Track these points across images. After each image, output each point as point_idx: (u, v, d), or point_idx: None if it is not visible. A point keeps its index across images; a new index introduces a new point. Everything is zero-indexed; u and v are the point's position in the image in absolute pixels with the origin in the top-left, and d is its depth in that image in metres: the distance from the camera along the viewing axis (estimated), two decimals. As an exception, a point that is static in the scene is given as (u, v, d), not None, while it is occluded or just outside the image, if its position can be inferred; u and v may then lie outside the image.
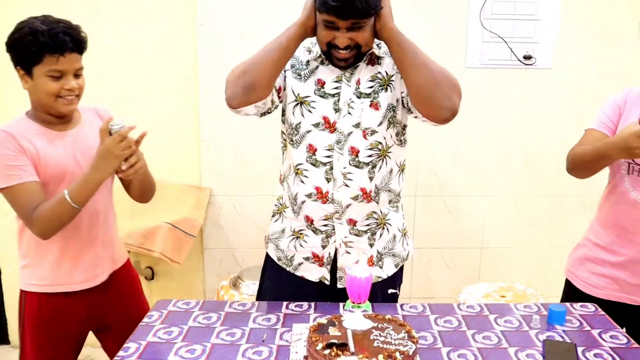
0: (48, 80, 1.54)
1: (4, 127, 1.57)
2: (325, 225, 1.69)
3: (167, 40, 2.79)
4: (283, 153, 1.79)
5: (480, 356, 1.37)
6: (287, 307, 1.64)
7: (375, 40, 1.61)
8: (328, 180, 1.64)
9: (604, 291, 1.74)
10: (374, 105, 1.64)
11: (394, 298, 1.81)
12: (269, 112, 1.70)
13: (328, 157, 1.63)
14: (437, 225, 3.02)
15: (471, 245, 3.08)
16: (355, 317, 1.37)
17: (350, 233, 1.68)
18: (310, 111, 1.65)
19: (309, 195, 1.66)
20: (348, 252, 1.70)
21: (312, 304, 1.66)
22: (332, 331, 1.33)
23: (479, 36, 2.84)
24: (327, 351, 1.24)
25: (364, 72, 1.66)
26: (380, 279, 1.74)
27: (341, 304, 1.62)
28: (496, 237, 3.08)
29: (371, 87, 1.65)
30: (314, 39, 1.66)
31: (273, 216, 1.83)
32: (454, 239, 3.07)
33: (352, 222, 1.67)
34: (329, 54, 1.61)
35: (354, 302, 1.48)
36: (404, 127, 1.72)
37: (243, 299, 2.41)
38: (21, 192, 1.53)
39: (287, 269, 1.75)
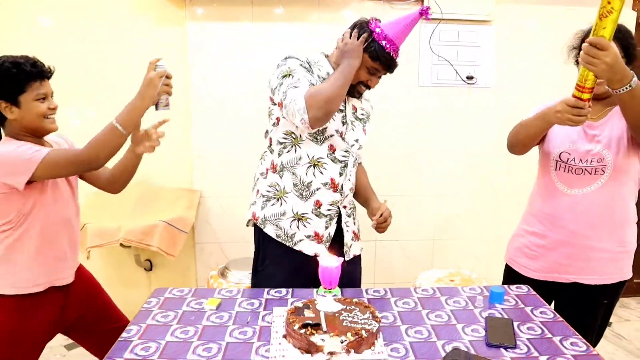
0: (37, 103, 1.52)
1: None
2: (329, 210, 1.77)
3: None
4: (286, 147, 1.76)
5: (433, 332, 1.38)
6: (267, 293, 1.63)
7: None
8: (341, 174, 1.76)
9: (541, 274, 1.78)
10: (364, 130, 1.86)
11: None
12: None
13: (344, 157, 1.77)
14: (397, 220, 3.01)
15: (425, 237, 3.11)
16: (327, 301, 1.37)
17: (346, 216, 1.83)
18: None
19: (325, 184, 1.75)
20: (347, 231, 1.84)
21: (290, 290, 1.66)
22: (307, 313, 1.33)
23: (429, 59, 2.88)
24: (303, 330, 1.24)
25: (355, 101, 1.83)
26: (362, 249, 1.95)
27: (314, 290, 1.62)
28: (446, 230, 3.11)
29: (362, 115, 1.86)
30: (316, 59, 1.77)
31: (268, 200, 1.79)
32: (411, 233, 3.09)
33: (344, 207, 1.83)
34: (352, 87, 1.73)
35: (325, 288, 1.48)
36: None
37: (230, 287, 2.39)
38: (53, 156, 1.48)
39: (287, 244, 1.77)
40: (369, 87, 1.78)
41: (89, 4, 2.67)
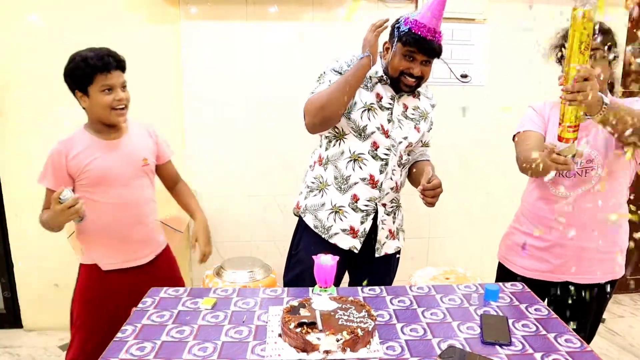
0: (102, 95, 1.67)
1: (61, 141, 1.74)
2: (367, 206, 1.82)
3: (153, 69, 2.74)
4: (331, 141, 1.84)
5: (429, 330, 1.39)
6: (263, 292, 1.63)
7: None
8: (381, 172, 1.79)
9: (533, 272, 1.79)
10: (417, 129, 1.86)
11: (398, 260, 2.05)
12: None
13: (386, 155, 1.79)
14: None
15: (420, 235, 3.11)
16: (322, 300, 1.38)
17: (384, 214, 1.86)
18: (374, 117, 1.77)
19: (363, 179, 1.79)
20: (382, 228, 1.87)
21: (285, 289, 1.66)
22: (303, 312, 1.33)
23: (424, 58, 2.88)
24: (298, 329, 1.24)
25: (408, 99, 1.85)
26: (398, 249, 1.99)
27: (310, 289, 1.62)
28: (440, 228, 3.12)
29: (414, 114, 1.86)
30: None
31: (311, 191, 1.88)
32: (406, 231, 3.09)
33: (384, 205, 1.86)
34: (397, 80, 1.74)
35: (321, 287, 1.48)
36: None
37: (225, 286, 2.38)
38: (47, 195, 1.71)
39: (323, 236, 1.84)
40: (414, 77, 1.72)
41: (81, 1, 2.64)
